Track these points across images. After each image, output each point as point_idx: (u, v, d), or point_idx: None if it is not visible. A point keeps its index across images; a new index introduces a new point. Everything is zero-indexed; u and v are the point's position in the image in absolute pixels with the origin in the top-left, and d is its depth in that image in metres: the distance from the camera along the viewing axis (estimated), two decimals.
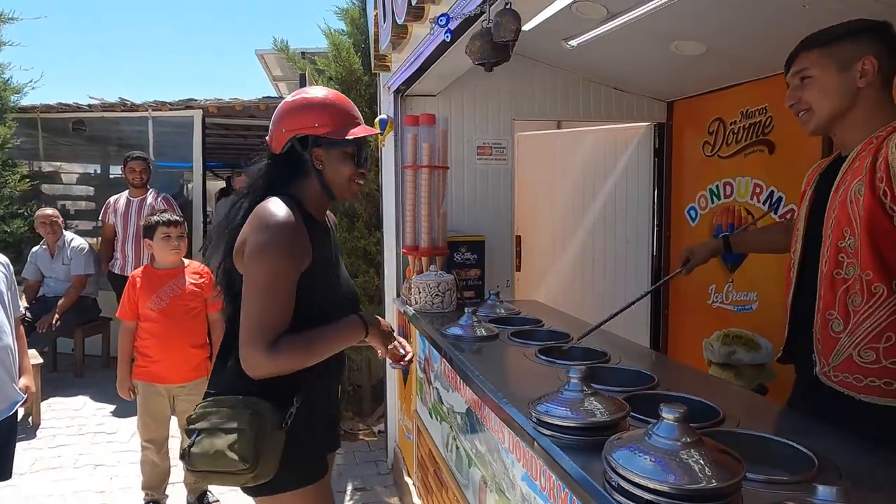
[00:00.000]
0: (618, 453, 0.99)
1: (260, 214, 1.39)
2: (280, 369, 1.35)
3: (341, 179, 1.51)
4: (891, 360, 1.31)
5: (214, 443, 1.34)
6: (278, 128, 1.48)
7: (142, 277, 2.75)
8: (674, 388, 1.53)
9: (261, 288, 1.34)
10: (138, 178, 4.64)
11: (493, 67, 1.70)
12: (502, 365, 1.81)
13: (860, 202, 1.34)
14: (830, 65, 1.44)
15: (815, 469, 1.05)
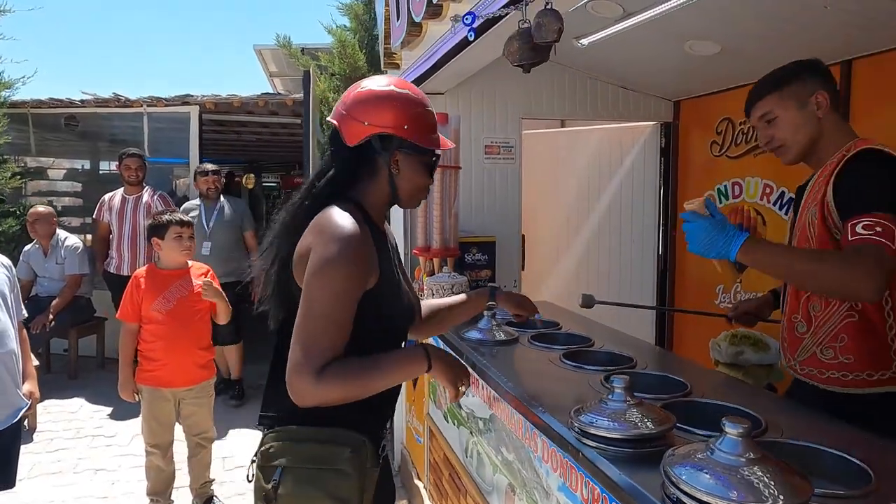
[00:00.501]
0: (679, 468, 0.96)
1: (326, 224, 1.21)
2: (326, 401, 1.17)
3: (413, 189, 1.36)
4: (846, 356, 1.54)
5: (309, 485, 1.21)
6: (358, 118, 1.27)
7: (146, 278, 2.68)
8: (708, 395, 1.51)
9: (321, 307, 1.18)
10: (134, 175, 4.55)
11: (531, 69, 1.67)
12: (529, 370, 1.78)
13: (815, 228, 1.56)
14: (790, 104, 1.63)
15: (872, 483, 1.04)
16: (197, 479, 2.83)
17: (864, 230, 1.37)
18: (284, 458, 1.24)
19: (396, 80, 1.35)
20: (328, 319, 1.18)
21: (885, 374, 1.50)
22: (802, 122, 1.61)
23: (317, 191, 1.31)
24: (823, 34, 2.37)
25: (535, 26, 1.60)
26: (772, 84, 1.66)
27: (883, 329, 1.50)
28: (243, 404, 4.30)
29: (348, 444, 1.24)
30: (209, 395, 2.79)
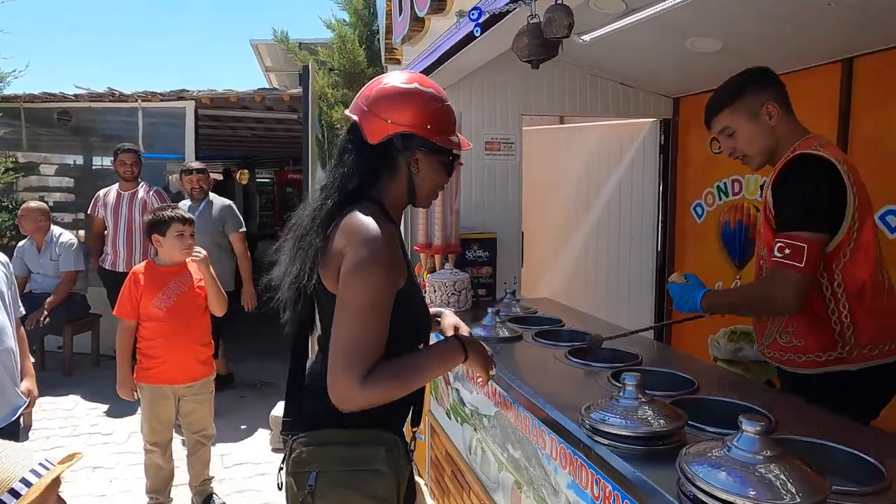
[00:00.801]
0: (696, 465, 0.96)
1: (358, 228, 1.19)
2: (372, 403, 1.15)
3: (430, 188, 1.33)
4: (798, 339, 1.71)
5: (346, 488, 1.21)
6: (381, 116, 1.24)
7: (145, 275, 2.65)
8: (715, 392, 1.51)
9: (361, 310, 1.16)
10: (129, 170, 4.50)
11: (540, 64, 1.66)
12: (535, 367, 1.78)
13: (762, 232, 1.73)
14: (743, 118, 1.74)
15: (885, 480, 1.04)
16: (196, 476, 2.81)
17: (778, 252, 1.57)
18: (317, 462, 1.23)
19: (419, 78, 1.31)
20: (369, 324, 1.16)
21: (831, 354, 1.66)
22: (757, 132, 1.73)
23: (343, 189, 1.26)
24: (824, 32, 2.38)
25: (546, 22, 1.59)
26: (724, 100, 1.77)
27: (826, 315, 1.66)
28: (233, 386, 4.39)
29: (383, 443, 1.23)
30: (209, 392, 2.77)
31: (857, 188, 1.61)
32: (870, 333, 1.64)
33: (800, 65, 2.71)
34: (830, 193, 1.58)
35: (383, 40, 3.02)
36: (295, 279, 1.24)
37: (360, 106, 1.28)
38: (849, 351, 1.64)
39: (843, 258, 1.61)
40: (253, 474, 3.22)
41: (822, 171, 1.58)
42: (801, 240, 1.54)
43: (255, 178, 13.52)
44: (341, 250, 1.19)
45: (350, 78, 3.86)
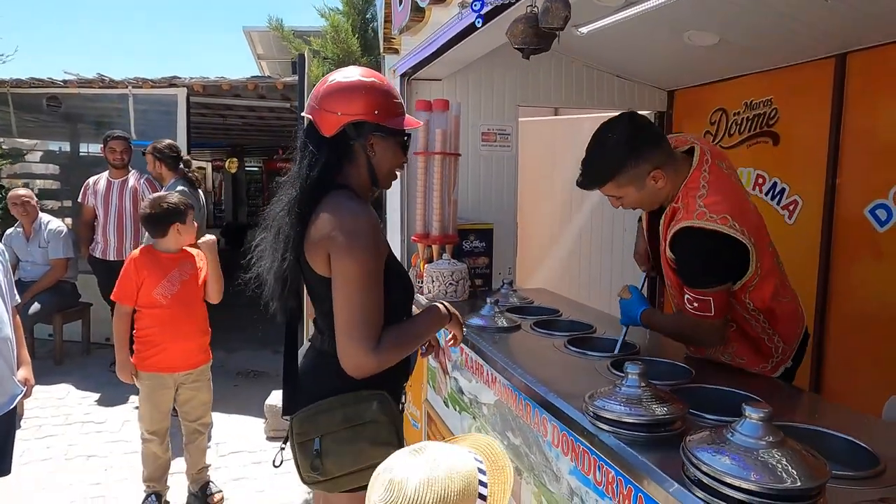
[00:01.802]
0: (700, 451, 0.99)
1: (341, 211, 1.32)
2: (383, 366, 1.32)
3: (388, 168, 1.46)
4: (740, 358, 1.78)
5: (350, 442, 1.32)
6: (331, 110, 1.36)
7: (146, 261, 2.61)
8: (712, 380, 1.55)
9: (359, 286, 1.29)
10: (119, 158, 4.45)
11: (531, 55, 1.67)
12: (535, 357, 1.80)
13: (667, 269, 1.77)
14: (630, 190, 1.70)
15: (880, 465, 1.08)
16: (194, 464, 2.82)
17: (688, 305, 1.66)
18: (318, 429, 1.35)
19: (362, 71, 1.44)
20: (369, 296, 1.30)
21: (772, 361, 1.77)
22: (645, 196, 1.71)
23: (311, 182, 1.36)
24: (819, 28, 2.41)
25: (543, 11, 1.60)
26: (605, 174, 1.68)
27: (756, 334, 1.75)
28: None
29: (373, 398, 1.36)
30: (207, 380, 2.77)
31: (752, 232, 1.61)
32: (790, 332, 1.79)
33: (794, 59, 2.75)
34: (730, 256, 1.61)
35: (381, 29, 3.01)
36: (277, 271, 1.37)
37: (311, 105, 1.40)
38: (782, 352, 1.77)
39: (750, 288, 1.68)
40: (248, 462, 3.23)
41: (714, 242, 1.59)
42: (707, 295, 1.62)
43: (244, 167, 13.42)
44: (328, 235, 1.31)
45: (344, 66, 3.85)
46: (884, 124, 2.41)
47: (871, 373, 2.48)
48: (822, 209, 2.64)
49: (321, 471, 1.34)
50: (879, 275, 2.44)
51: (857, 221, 2.50)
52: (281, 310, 1.43)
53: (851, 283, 2.56)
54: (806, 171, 2.74)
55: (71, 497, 2.85)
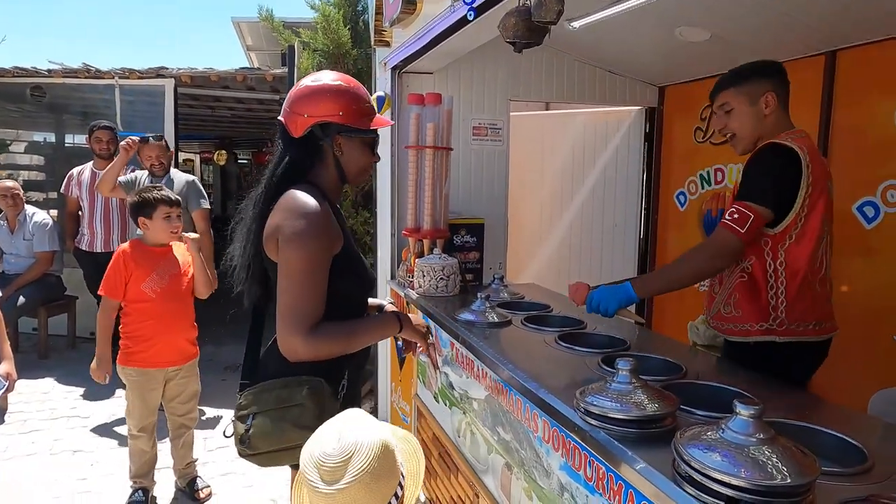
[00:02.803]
0: (692, 447, 0.99)
1: (292, 203, 1.40)
2: (318, 355, 1.40)
3: (358, 167, 1.55)
4: (737, 309, 1.87)
5: (276, 421, 1.40)
6: (299, 112, 1.47)
7: (134, 255, 2.57)
8: (703, 377, 1.55)
9: (298, 275, 1.37)
10: (105, 148, 4.37)
11: (523, 49, 1.66)
12: (526, 352, 1.80)
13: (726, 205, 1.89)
14: (744, 100, 1.86)
15: (868, 462, 1.08)
16: (181, 459, 2.80)
17: (728, 216, 1.74)
18: (255, 405, 1.45)
19: (332, 75, 1.53)
20: (308, 284, 1.37)
21: (762, 325, 1.82)
22: (751, 117, 1.85)
23: (276, 178, 1.47)
24: (810, 25, 2.42)
25: (536, 4, 1.59)
26: (731, 79, 1.90)
27: (765, 288, 1.81)
28: None
29: (306, 383, 1.43)
30: (195, 374, 2.75)
31: (813, 178, 1.75)
32: (798, 311, 1.80)
33: (785, 56, 2.75)
34: (784, 176, 1.73)
35: (372, 21, 2.98)
36: (241, 259, 1.50)
37: (284, 109, 1.51)
38: (779, 324, 1.81)
39: (789, 240, 1.77)
40: (235, 457, 3.18)
41: (783, 158, 1.74)
42: (750, 209, 1.71)
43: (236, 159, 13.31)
44: (279, 224, 1.39)
45: (334, 59, 3.81)
46: (872, 122, 2.43)
47: (859, 367, 2.50)
48: None
49: (248, 444, 1.43)
50: (866, 271, 2.47)
51: (846, 218, 2.52)
52: (246, 295, 1.55)
53: (839, 279, 2.58)
54: None
55: (56, 493, 2.82)
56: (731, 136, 1.92)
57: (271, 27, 4.13)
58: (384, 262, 3.25)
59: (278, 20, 4.17)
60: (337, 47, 3.81)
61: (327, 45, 3.82)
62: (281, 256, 1.39)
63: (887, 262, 2.38)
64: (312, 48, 3.95)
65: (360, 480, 1.02)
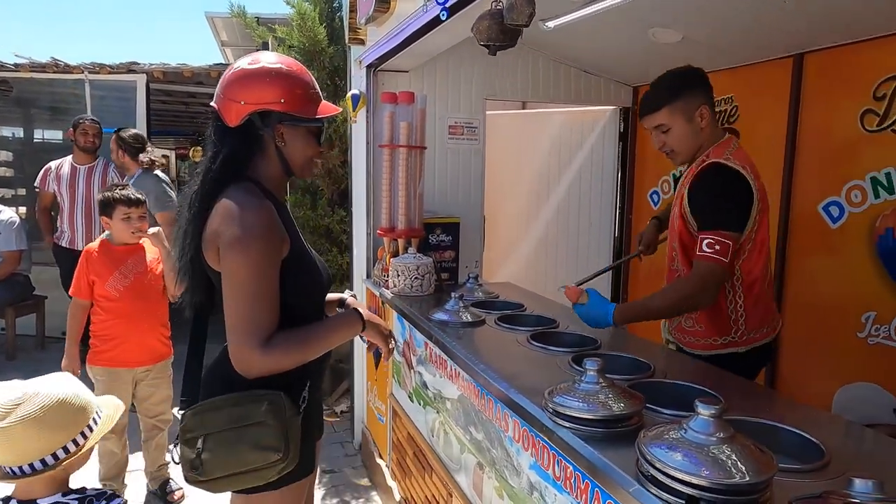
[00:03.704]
0: (654, 447, 1.01)
1: (231, 205, 1.27)
2: (276, 368, 1.27)
3: (303, 159, 1.41)
4: (699, 325, 1.91)
5: (233, 443, 1.25)
6: (234, 99, 1.31)
7: (99, 253, 2.55)
8: (670, 375, 1.58)
9: (245, 285, 1.24)
10: (91, 142, 4.25)
11: (498, 52, 1.66)
12: (498, 352, 1.81)
13: (676, 223, 1.90)
14: (679, 118, 1.86)
15: (825, 457, 1.11)
16: (153, 462, 2.76)
17: (707, 248, 1.71)
18: (204, 427, 1.29)
19: (270, 56, 1.36)
20: (257, 294, 1.25)
21: (726, 339, 1.88)
22: (689, 132, 1.87)
23: (213, 175, 1.32)
24: (778, 28, 2.46)
25: (508, 7, 1.59)
26: (663, 98, 1.87)
27: (724, 303, 1.86)
28: None
29: (265, 398, 1.28)
30: (167, 375, 2.71)
31: (760, 196, 1.81)
32: (756, 319, 1.87)
33: (754, 58, 2.80)
34: (742, 200, 1.77)
35: (347, 19, 2.96)
36: (180, 266, 1.36)
37: (217, 95, 1.35)
38: (740, 336, 1.86)
39: (743, 255, 1.81)
40: None
41: (737, 182, 1.77)
42: (727, 237, 1.71)
43: None
44: (217, 230, 1.27)
45: (310, 56, 3.77)
46: (837, 124, 2.48)
47: (823, 363, 2.56)
48: (779, 206, 2.72)
49: (201, 471, 1.27)
50: (831, 270, 2.52)
51: (811, 218, 2.58)
52: (187, 304, 1.42)
53: (805, 277, 2.64)
54: (764, 169, 2.77)
55: None
56: (670, 152, 1.94)
57: (244, 23, 4.07)
58: (360, 262, 3.24)
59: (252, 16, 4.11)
60: (313, 44, 3.77)
61: (303, 41, 3.78)
62: (224, 265, 1.26)
63: (851, 262, 2.44)
64: (288, 45, 3.91)
65: (24, 424, 1.17)
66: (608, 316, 1.80)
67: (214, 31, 5.43)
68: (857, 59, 2.40)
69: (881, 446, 1.24)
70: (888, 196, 2.32)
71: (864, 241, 2.40)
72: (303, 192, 3.95)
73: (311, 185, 4.02)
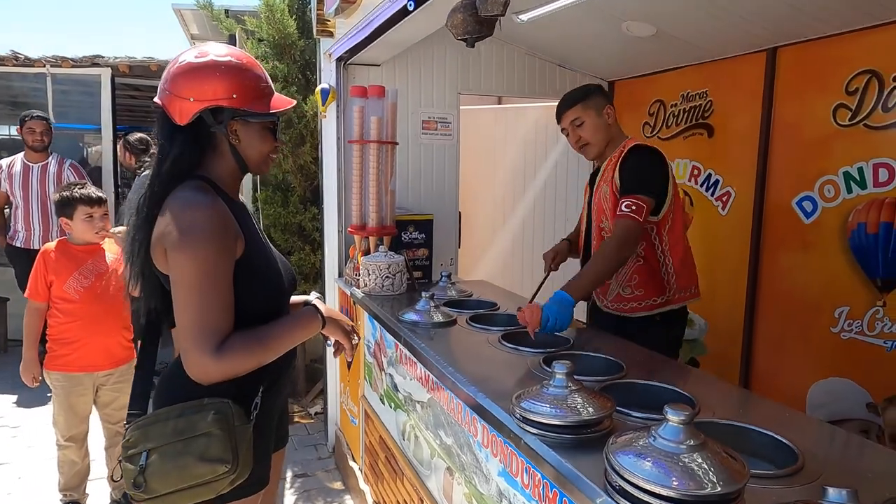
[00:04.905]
0: (622, 456, 0.96)
1: (178, 205, 1.21)
2: (232, 373, 1.20)
3: (259, 155, 1.34)
4: (638, 289, 2.15)
5: (177, 456, 1.17)
6: (182, 95, 1.23)
7: (57, 254, 2.44)
8: (643, 375, 1.54)
9: (195, 286, 1.17)
10: (39, 140, 4.13)
11: (476, 43, 1.60)
12: (467, 353, 1.76)
13: (608, 200, 2.14)
14: (592, 112, 2.18)
15: (799, 462, 1.08)
16: (117, 470, 2.65)
17: (626, 209, 1.96)
18: (147, 441, 1.21)
19: (218, 48, 1.29)
20: (208, 296, 1.18)
21: (662, 297, 2.14)
22: (600, 126, 2.17)
23: (163, 176, 1.26)
24: (751, 22, 2.44)
25: None
26: (577, 96, 2.20)
27: (658, 267, 2.14)
28: None
29: (210, 407, 1.21)
30: (130, 379, 2.61)
31: (672, 174, 2.12)
32: (683, 279, 2.16)
33: (727, 53, 2.78)
34: (660, 171, 2.06)
35: (315, 11, 2.87)
36: (136, 267, 1.28)
37: (161, 89, 1.27)
38: (673, 294, 2.15)
39: (668, 223, 2.11)
40: None
41: (657, 156, 2.09)
42: (642, 200, 1.97)
43: None
44: (164, 231, 1.20)
45: (280, 50, 3.67)
46: (810, 118, 2.47)
47: (797, 358, 2.56)
48: (753, 201, 2.70)
49: (144, 488, 1.19)
50: (805, 265, 2.52)
51: (786, 213, 2.57)
52: (142, 309, 1.35)
53: (779, 272, 2.63)
54: (738, 164, 2.79)
55: None
56: (584, 146, 2.20)
57: (211, 15, 3.95)
58: (332, 260, 3.16)
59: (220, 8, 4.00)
60: (283, 37, 3.67)
61: (272, 34, 3.68)
62: (172, 268, 1.20)
63: (824, 256, 2.43)
64: (258, 38, 3.80)
65: None
66: (569, 306, 1.85)
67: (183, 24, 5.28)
68: (830, 54, 2.39)
69: (855, 448, 1.21)
70: (860, 191, 2.31)
71: (837, 235, 2.40)
72: (274, 190, 3.86)
73: (283, 182, 3.92)
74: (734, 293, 2.79)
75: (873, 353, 2.30)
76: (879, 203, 2.25)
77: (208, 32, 6.28)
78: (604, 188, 2.18)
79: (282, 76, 3.69)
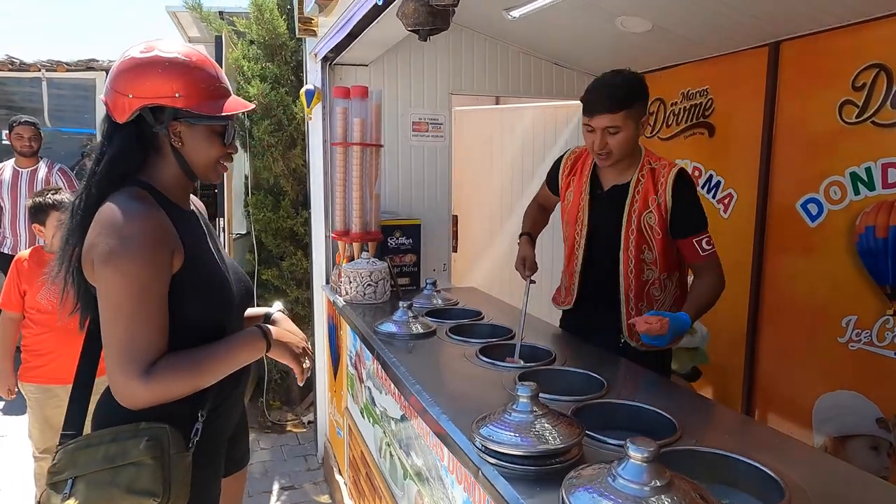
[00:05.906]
0: (578, 495, 0.85)
1: (108, 214, 1.11)
2: (163, 398, 1.11)
3: (206, 161, 1.25)
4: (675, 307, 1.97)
5: (104, 487, 1.09)
6: (122, 92, 1.16)
7: (31, 263, 2.38)
8: (625, 395, 1.43)
9: (122, 305, 1.09)
10: (27, 145, 4.09)
11: (429, 36, 1.50)
12: (439, 368, 1.66)
13: (654, 230, 1.92)
14: (631, 124, 1.86)
15: (786, 497, 0.96)
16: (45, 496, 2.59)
17: (707, 245, 1.89)
18: (74, 467, 1.13)
19: (165, 44, 1.21)
20: (137, 315, 1.09)
21: None
22: (635, 139, 1.90)
23: (98, 178, 1.17)
24: (752, 15, 2.31)
25: None
26: (623, 100, 1.83)
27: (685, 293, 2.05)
28: None
29: (144, 433, 1.13)
30: None
31: None
32: None
33: (728, 48, 2.66)
34: None
35: (297, 11, 2.79)
36: (68, 278, 1.20)
37: (105, 87, 1.21)
38: None
39: None
40: None
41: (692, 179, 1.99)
42: (708, 234, 1.92)
43: None
44: (93, 241, 1.12)
45: (271, 50, 3.60)
46: (815, 115, 2.34)
47: (804, 367, 2.42)
48: (756, 203, 2.57)
49: None
50: (810, 270, 2.38)
51: (790, 216, 2.43)
52: (79, 322, 1.26)
53: (783, 278, 2.50)
54: (740, 164, 2.66)
55: None
56: (607, 154, 1.88)
57: (200, 17, 3.89)
58: (319, 266, 3.07)
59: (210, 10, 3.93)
60: (273, 38, 3.60)
61: (263, 35, 3.61)
62: (98, 283, 1.11)
63: (831, 262, 2.29)
64: (248, 39, 3.74)
65: None
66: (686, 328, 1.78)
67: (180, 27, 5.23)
68: (836, 47, 2.25)
69: (851, 482, 1.09)
70: (868, 192, 2.17)
71: (843, 240, 2.26)
72: (265, 194, 3.78)
73: (274, 185, 3.85)
74: (736, 300, 2.65)
75: (884, 365, 2.16)
76: (889, 205, 2.12)
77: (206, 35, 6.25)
78: (647, 216, 1.92)
79: (273, 77, 3.62)
